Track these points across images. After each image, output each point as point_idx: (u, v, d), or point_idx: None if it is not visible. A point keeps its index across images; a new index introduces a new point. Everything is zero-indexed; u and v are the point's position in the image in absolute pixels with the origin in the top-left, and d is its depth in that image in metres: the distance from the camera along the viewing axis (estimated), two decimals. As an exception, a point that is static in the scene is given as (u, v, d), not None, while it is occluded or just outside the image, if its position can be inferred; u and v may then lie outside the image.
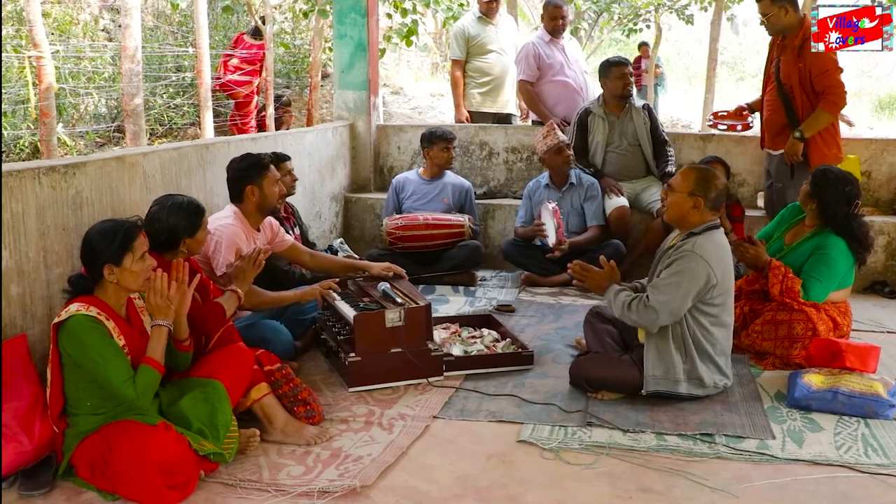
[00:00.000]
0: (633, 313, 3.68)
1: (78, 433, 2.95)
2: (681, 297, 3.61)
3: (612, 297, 3.81)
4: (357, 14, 6.91)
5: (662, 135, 6.19)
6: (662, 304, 3.62)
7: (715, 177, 3.77)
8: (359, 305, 4.12)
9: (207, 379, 3.19)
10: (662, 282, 3.67)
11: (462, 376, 4.07)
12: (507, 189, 6.90)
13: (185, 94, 12.00)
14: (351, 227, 6.84)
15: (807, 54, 5.13)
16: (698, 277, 3.61)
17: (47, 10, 10.65)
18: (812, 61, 5.13)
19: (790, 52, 5.20)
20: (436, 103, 14.93)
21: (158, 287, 3.05)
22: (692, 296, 3.63)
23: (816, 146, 5.25)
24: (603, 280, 3.88)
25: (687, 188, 3.72)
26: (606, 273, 3.89)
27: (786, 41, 5.23)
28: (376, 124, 7.17)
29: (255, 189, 4.19)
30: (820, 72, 5.13)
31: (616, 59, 6.25)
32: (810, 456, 3.26)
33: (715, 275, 3.63)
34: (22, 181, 3.25)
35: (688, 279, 3.61)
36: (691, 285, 3.61)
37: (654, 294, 3.65)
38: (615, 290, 3.82)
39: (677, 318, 3.66)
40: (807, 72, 5.15)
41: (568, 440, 3.39)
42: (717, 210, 3.77)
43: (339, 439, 3.39)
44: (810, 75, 5.15)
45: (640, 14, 16.00)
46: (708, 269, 3.61)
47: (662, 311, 3.62)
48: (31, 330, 3.28)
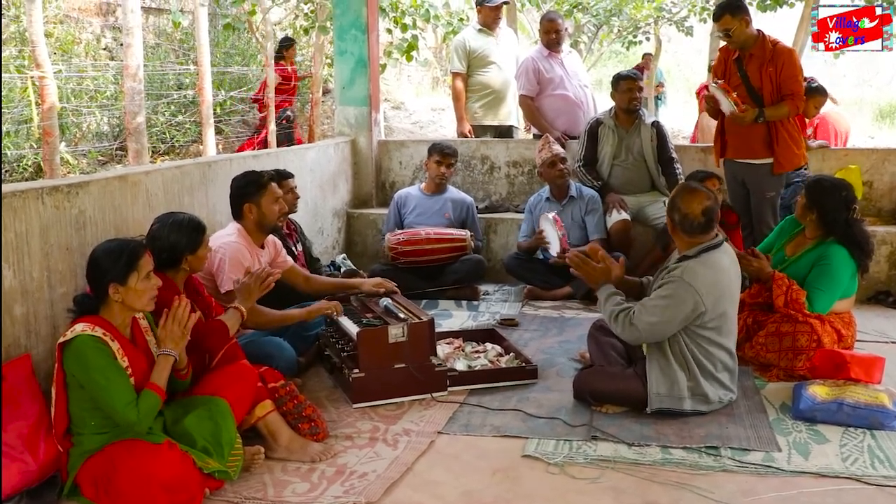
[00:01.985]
0: (617, 325, 3.70)
1: (82, 452, 2.95)
2: (665, 322, 3.60)
3: (602, 299, 3.82)
4: (357, 30, 6.94)
5: (670, 152, 6.17)
6: (646, 325, 3.61)
7: (690, 199, 3.66)
8: (362, 321, 4.12)
9: (211, 397, 3.18)
10: (650, 302, 3.66)
11: (466, 391, 4.07)
12: (508, 203, 6.90)
13: (186, 112, 12.05)
14: (353, 242, 6.85)
15: (778, 56, 5.20)
16: (684, 304, 3.58)
17: (50, 31, 10.72)
18: (785, 62, 5.19)
19: (757, 60, 5.24)
20: (437, 118, 14.97)
21: (180, 316, 3.08)
22: (677, 321, 3.61)
23: (785, 145, 5.27)
24: (598, 276, 3.87)
25: (668, 208, 3.76)
26: (603, 270, 3.88)
27: (752, 51, 5.25)
28: (378, 140, 7.19)
29: (252, 207, 4.21)
30: (789, 75, 5.19)
31: (626, 73, 6.23)
32: (816, 468, 3.25)
33: (703, 302, 3.58)
34: (25, 201, 3.26)
35: (674, 305, 3.59)
36: (676, 312, 3.59)
37: (640, 312, 3.64)
38: (607, 292, 3.82)
39: (662, 339, 3.66)
40: (777, 74, 5.21)
41: (573, 454, 3.38)
42: (697, 234, 3.67)
43: (344, 456, 3.39)
44: (780, 76, 5.20)
45: (639, 26, 16.05)
46: (696, 297, 3.57)
47: (645, 332, 3.63)
48: (35, 349, 3.28)
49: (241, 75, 13.41)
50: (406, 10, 10.52)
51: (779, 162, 5.29)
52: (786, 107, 5.21)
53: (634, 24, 15.86)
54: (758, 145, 5.32)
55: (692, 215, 3.65)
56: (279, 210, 4.34)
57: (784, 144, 5.27)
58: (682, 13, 15.86)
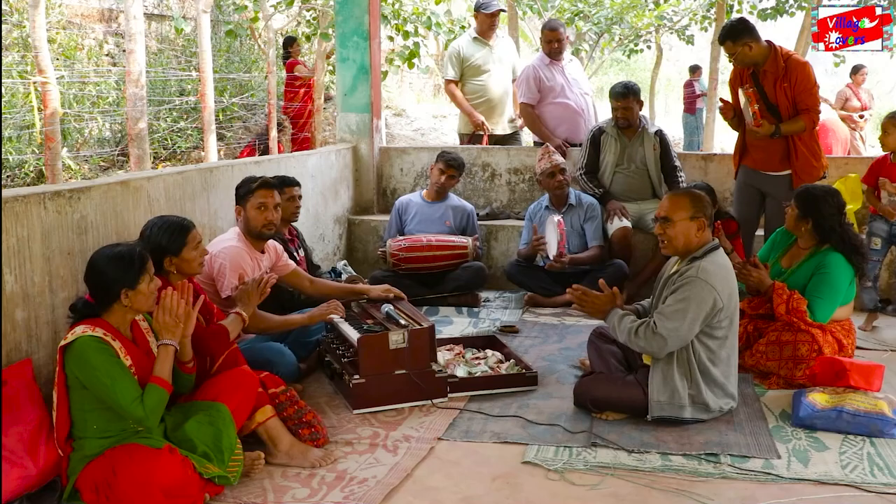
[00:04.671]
0: (640, 340, 3.65)
1: (83, 457, 2.95)
2: (689, 324, 3.60)
3: (615, 322, 3.76)
4: (359, 37, 6.96)
5: (674, 161, 6.16)
6: (671, 331, 3.59)
7: (702, 194, 3.82)
8: (362, 327, 4.12)
9: (212, 402, 3.19)
10: (669, 308, 3.64)
11: (466, 397, 4.07)
12: (509, 210, 6.91)
13: (188, 118, 12.07)
14: (354, 249, 6.86)
15: (792, 72, 5.15)
16: (705, 303, 3.59)
17: (52, 36, 10.74)
18: (798, 77, 5.14)
19: (771, 76, 5.20)
20: (438, 125, 14.99)
21: (169, 305, 3.08)
22: (700, 321, 3.61)
23: (804, 158, 5.24)
24: (604, 305, 3.83)
25: (687, 214, 3.71)
26: (607, 298, 3.83)
27: (765, 67, 5.22)
28: (379, 146, 7.20)
29: (240, 209, 4.22)
30: (804, 89, 5.15)
31: (617, 91, 6.13)
32: (816, 475, 3.25)
33: (721, 298, 3.61)
34: (27, 206, 3.27)
35: (695, 305, 3.59)
36: (699, 311, 3.60)
37: (661, 321, 3.62)
38: (619, 315, 3.78)
39: (685, 343, 3.64)
40: (792, 88, 5.17)
41: (573, 461, 3.39)
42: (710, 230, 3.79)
43: (344, 461, 3.39)
44: (794, 91, 5.16)
45: (640, 35, 16.11)
46: (714, 293, 3.60)
47: (671, 338, 3.60)
48: (36, 354, 3.29)
49: (244, 82, 13.43)
50: (408, 17, 10.55)
51: (798, 175, 5.24)
52: (802, 121, 5.17)
53: (635, 33, 15.92)
54: (776, 157, 5.30)
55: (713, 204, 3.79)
56: (265, 218, 4.20)
57: (803, 158, 5.24)
58: (683, 21, 15.92)
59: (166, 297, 3.08)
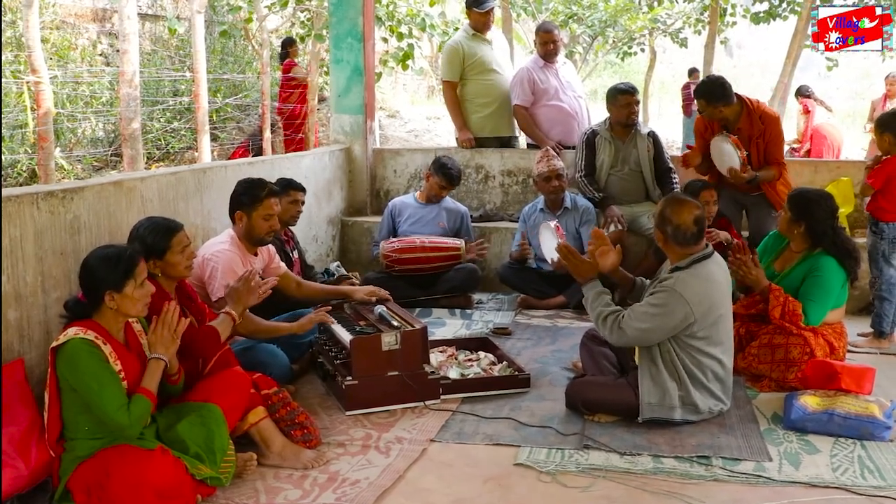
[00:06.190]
0: (605, 327, 3.72)
1: (75, 458, 2.94)
2: (653, 330, 3.62)
3: (591, 297, 3.82)
4: (353, 39, 6.96)
5: (667, 162, 6.19)
6: (634, 331, 3.63)
7: (680, 210, 3.68)
8: (355, 329, 4.12)
9: (204, 403, 3.19)
10: (640, 308, 3.67)
11: (459, 399, 4.07)
12: (502, 212, 6.92)
13: (182, 119, 12.06)
14: (347, 250, 6.86)
15: (767, 128, 5.51)
16: (674, 315, 3.60)
17: (46, 36, 10.72)
18: (772, 133, 5.54)
19: (746, 132, 5.52)
20: (432, 126, 15.00)
21: (169, 320, 3.07)
22: (666, 330, 3.63)
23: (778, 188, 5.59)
24: (585, 272, 3.88)
25: (657, 221, 3.76)
26: (590, 265, 3.89)
27: (739, 125, 5.53)
28: (372, 148, 7.20)
29: (243, 216, 4.18)
30: (776, 144, 5.57)
31: (623, 87, 6.19)
32: (807, 478, 3.26)
33: (693, 313, 3.60)
34: (20, 206, 3.27)
35: (663, 314, 3.60)
36: (666, 321, 3.61)
37: (629, 317, 3.66)
38: (595, 291, 3.82)
39: (648, 344, 3.68)
40: (766, 144, 5.53)
41: (565, 463, 3.39)
42: (691, 244, 3.70)
43: (337, 463, 3.39)
44: (767, 147, 5.53)
45: (634, 38, 16.13)
46: (686, 308, 3.59)
47: (633, 336, 3.66)
48: (28, 354, 3.28)
49: (237, 82, 13.42)
50: (402, 18, 10.55)
51: (774, 199, 5.56)
52: (773, 171, 5.56)
53: (629, 36, 15.95)
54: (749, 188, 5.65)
55: (684, 226, 3.67)
56: (270, 226, 4.21)
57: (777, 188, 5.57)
58: (676, 25, 15.95)
59: (167, 313, 3.08)
